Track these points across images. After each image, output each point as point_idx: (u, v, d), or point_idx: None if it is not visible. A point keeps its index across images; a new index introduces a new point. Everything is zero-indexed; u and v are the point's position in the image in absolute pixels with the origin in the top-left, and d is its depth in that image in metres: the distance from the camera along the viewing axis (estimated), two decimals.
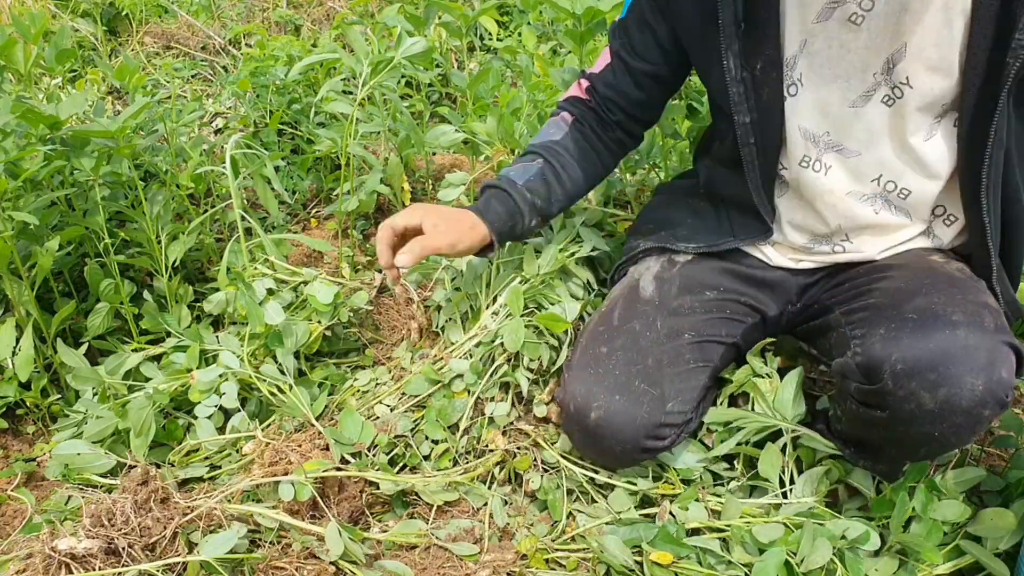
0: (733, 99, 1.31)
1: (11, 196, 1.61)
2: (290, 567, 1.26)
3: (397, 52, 1.79)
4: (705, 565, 1.27)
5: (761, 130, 1.33)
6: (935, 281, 1.24)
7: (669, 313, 1.43)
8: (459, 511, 1.46)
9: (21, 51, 1.73)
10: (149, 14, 3.92)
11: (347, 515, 1.39)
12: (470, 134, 2.08)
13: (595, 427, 1.34)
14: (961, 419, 1.12)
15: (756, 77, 1.29)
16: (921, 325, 1.16)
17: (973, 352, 1.11)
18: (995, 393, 1.11)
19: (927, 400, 1.12)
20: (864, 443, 1.30)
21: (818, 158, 1.33)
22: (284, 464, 1.38)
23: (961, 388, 1.11)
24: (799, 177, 1.36)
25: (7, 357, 1.60)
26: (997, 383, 1.11)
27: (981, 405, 1.11)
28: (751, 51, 1.28)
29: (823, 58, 1.25)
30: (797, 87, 1.29)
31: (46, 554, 1.16)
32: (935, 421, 1.13)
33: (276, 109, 2.56)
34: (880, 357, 1.16)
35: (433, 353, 1.65)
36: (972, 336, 1.12)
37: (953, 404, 1.11)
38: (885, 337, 1.17)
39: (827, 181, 1.33)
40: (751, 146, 1.35)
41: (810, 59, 1.26)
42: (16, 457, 1.68)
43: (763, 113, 1.32)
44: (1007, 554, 1.25)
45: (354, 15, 3.44)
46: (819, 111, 1.29)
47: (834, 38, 1.23)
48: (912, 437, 1.18)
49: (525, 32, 2.90)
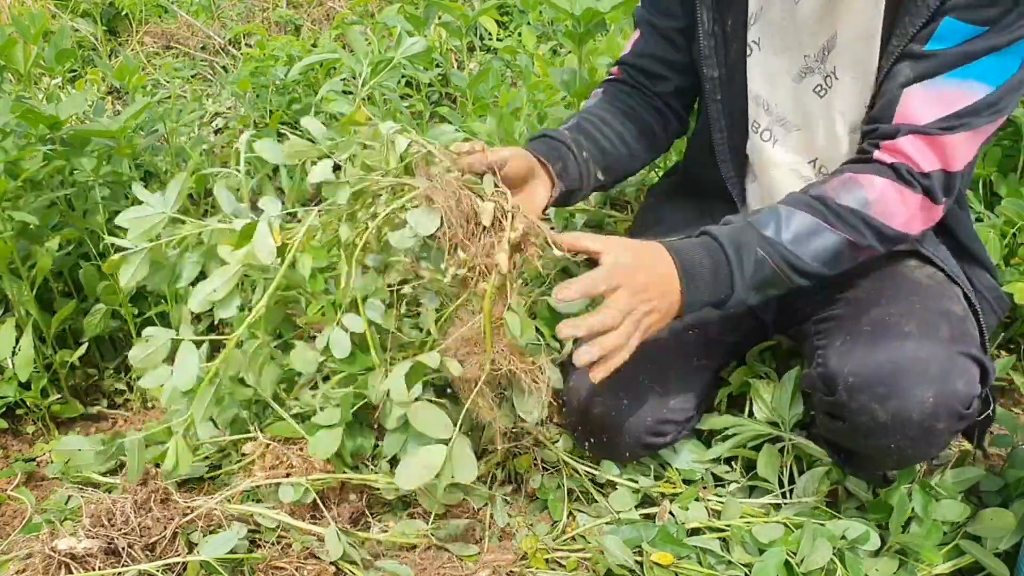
0: (704, 52, 1.36)
1: (11, 196, 1.61)
2: (290, 567, 1.26)
3: (397, 52, 1.79)
4: (705, 565, 1.27)
5: (727, 88, 1.37)
6: (897, 290, 1.25)
7: None
8: (459, 511, 1.46)
9: (21, 51, 1.73)
10: (149, 14, 3.92)
11: (347, 515, 1.39)
12: (470, 134, 2.08)
13: (598, 422, 1.34)
14: (914, 432, 1.13)
15: (727, 33, 1.34)
16: (872, 337, 1.17)
17: (923, 364, 1.12)
18: (948, 405, 1.11)
19: (879, 413, 1.13)
20: (846, 450, 1.31)
21: (768, 127, 1.36)
22: (285, 467, 1.38)
23: (910, 401, 1.11)
24: (754, 145, 1.38)
25: (7, 357, 1.60)
26: (952, 395, 1.10)
27: (932, 418, 1.11)
28: (724, 7, 1.33)
29: (774, 27, 1.29)
30: (753, 49, 1.33)
31: (46, 554, 1.16)
32: (889, 434, 1.14)
33: (276, 109, 2.56)
34: (835, 370, 1.17)
35: None
36: (923, 348, 1.13)
37: (904, 417, 1.12)
38: (840, 350, 1.19)
39: (774, 153, 1.36)
40: (717, 103, 1.39)
41: (765, 26, 1.30)
42: (16, 457, 1.68)
43: (730, 69, 1.36)
44: (1007, 554, 1.25)
45: (354, 15, 3.44)
46: (767, 79, 1.33)
47: (786, 10, 1.27)
48: (872, 449, 1.20)
49: (525, 32, 2.90)
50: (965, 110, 1.14)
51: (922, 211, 1.20)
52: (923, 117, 1.16)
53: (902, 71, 1.17)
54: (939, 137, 1.15)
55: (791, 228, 1.17)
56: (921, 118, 1.16)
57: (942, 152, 1.16)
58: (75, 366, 1.79)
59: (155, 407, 1.82)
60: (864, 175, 1.18)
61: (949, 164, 1.17)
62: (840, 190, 1.18)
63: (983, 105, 1.14)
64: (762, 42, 1.31)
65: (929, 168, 1.16)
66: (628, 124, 1.45)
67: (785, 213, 1.18)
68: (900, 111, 1.17)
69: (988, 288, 1.37)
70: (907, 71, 1.17)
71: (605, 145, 1.41)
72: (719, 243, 1.17)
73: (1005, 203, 1.72)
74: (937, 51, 1.14)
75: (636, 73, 1.49)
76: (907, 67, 1.17)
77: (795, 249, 1.17)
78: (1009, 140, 1.93)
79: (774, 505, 1.35)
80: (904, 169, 1.17)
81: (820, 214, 1.18)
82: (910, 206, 1.19)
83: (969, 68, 1.13)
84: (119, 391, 1.86)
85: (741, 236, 1.17)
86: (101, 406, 1.82)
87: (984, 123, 1.16)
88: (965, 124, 1.15)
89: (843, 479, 1.35)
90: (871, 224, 1.18)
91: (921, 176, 1.17)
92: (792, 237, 1.16)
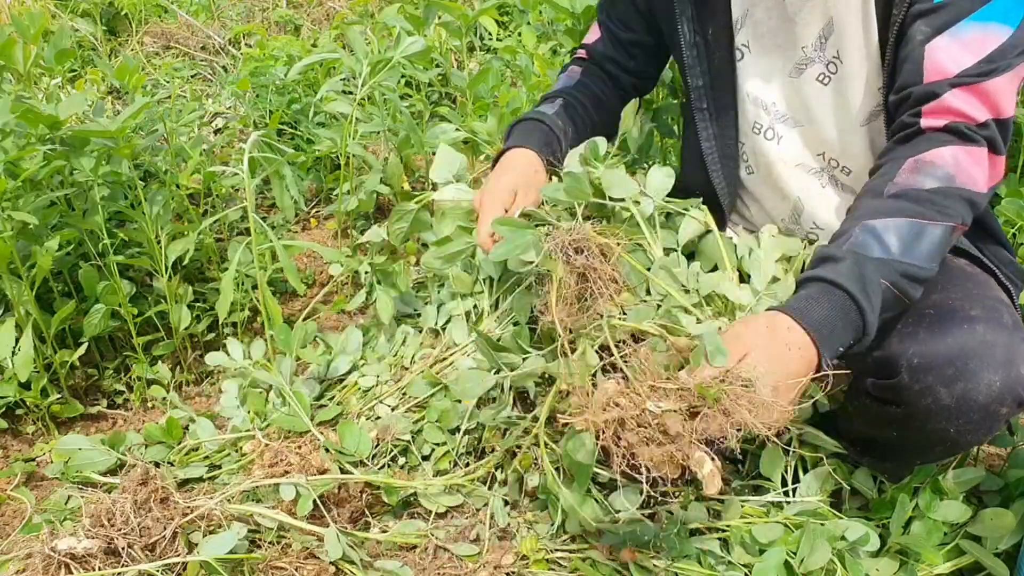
0: (687, 62, 1.37)
1: (11, 196, 1.60)
2: (290, 567, 1.26)
3: (396, 52, 1.79)
4: (705, 565, 1.27)
5: (713, 95, 1.38)
6: (950, 276, 1.23)
7: None
8: (459, 511, 1.45)
9: (21, 51, 1.73)
10: (149, 14, 3.92)
11: (347, 515, 1.39)
12: (470, 133, 2.08)
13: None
14: (977, 415, 1.11)
15: (709, 42, 1.35)
16: (938, 320, 1.15)
17: (991, 348, 1.10)
18: (1013, 390, 1.10)
19: (944, 395, 1.11)
20: (873, 441, 1.30)
21: (770, 126, 1.35)
22: (284, 466, 1.38)
23: (978, 384, 1.09)
24: (754, 146, 1.38)
25: (7, 357, 1.60)
26: (1015, 380, 1.10)
27: (998, 402, 1.10)
28: (704, 17, 1.34)
29: (764, 28, 1.29)
30: (743, 52, 1.33)
31: (46, 554, 1.16)
32: (951, 417, 1.12)
33: (276, 109, 2.56)
34: (897, 351, 1.14)
35: (435, 353, 1.65)
36: (990, 332, 1.11)
37: (970, 400, 1.10)
38: (902, 332, 1.16)
39: (779, 150, 1.35)
40: (703, 111, 1.39)
41: (753, 27, 1.30)
42: (16, 457, 1.68)
43: (715, 77, 1.36)
44: (1007, 554, 1.25)
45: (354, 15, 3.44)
46: (763, 79, 1.33)
47: (772, 8, 1.27)
48: (927, 434, 1.16)
49: (525, 32, 2.90)
50: (995, 53, 1.09)
51: (992, 167, 1.14)
52: (956, 67, 1.10)
53: (918, 29, 1.12)
54: (981, 83, 1.09)
55: (895, 240, 1.09)
56: (954, 68, 1.10)
57: (988, 99, 1.11)
58: (75, 366, 1.79)
59: (155, 407, 1.82)
60: (929, 152, 1.12)
61: (1000, 111, 1.12)
62: (917, 177, 1.12)
63: (1008, 46, 1.09)
64: (751, 44, 1.32)
65: (984, 117, 1.11)
66: (600, 111, 1.52)
67: (880, 226, 1.10)
68: (929, 68, 1.12)
69: (1005, 263, 1.36)
70: (923, 28, 1.12)
71: (582, 131, 1.48)
72: (843, 289, 1.07)
73: (1005, 203, 1.72)
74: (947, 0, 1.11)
75: (601, 63, 1.54)
76: (921, 24, 1.12)
77: (909, 259, 1.09)
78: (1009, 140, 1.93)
79: (775, 504, 1.34)
80: (963, 127, 1.11)
81: (913, 212, 1.10)
82: (983, 164, 1.12)
83: (988, 9, 1.09)
84: (119, 391, 1.86)
85: (857, 270, 1.08)
86: (101, 406, 1.82)
87: (1017, 63, 1.10)
88: (1001, 66, 1.09)
89: (848, 479, 1.35)
90: (963, 197, 1.11)
91: (980, 128, 1.11)
92: (902, 248, 1.08)
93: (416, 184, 2.37)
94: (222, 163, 2.26)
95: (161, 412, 1.78)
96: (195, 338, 1.94)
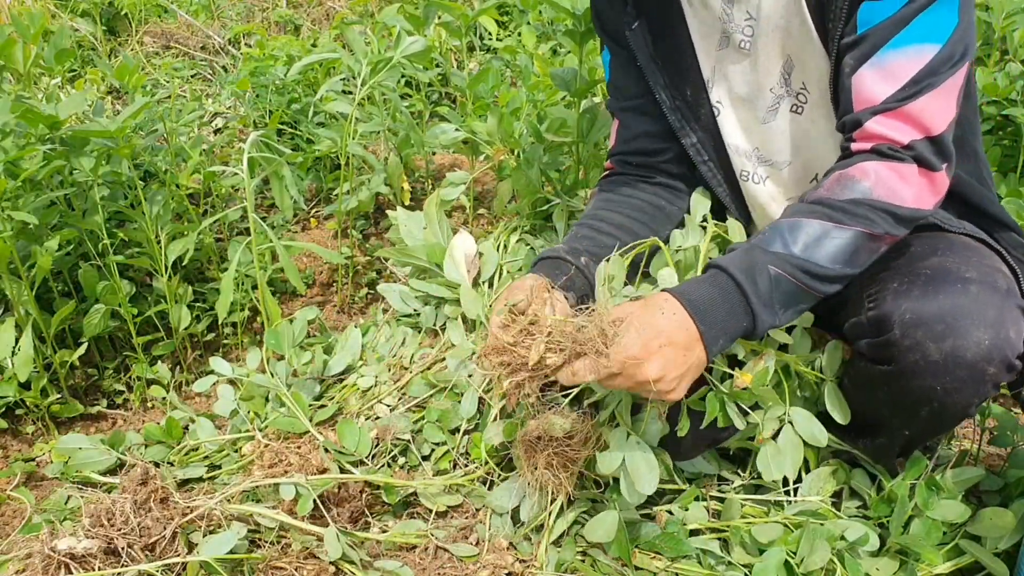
0: (675, 125, 1.39)
1: (11, 196, 1.61)
2: (290, 567, 1.26)
3: (396, 52, 1.79)
4: (705, 565, 1.27)
5: (712, 145, 1.40)
6: (951, 245, 1.25)
7: None
8: (459, 511, 1.45)
9: (20, 51, 1.73)
10: (148, 14, 3.92)
11: (347, 515, 1.39)
12: (470, 133, 2.08)
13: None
14: (965, 373, 1.13)
15: (689, 102, 1.37)
16: (933, 279, 1.16)
17: (983, 308, 1.12)
18: (1001, 350, 1.11)
19: (932, 351, 1.13)
20: (865, 417, 1.30)
21: (754, 171, 1.37)
22: (284, 465, 1.38)
23: (967, 340, 1.11)
24: (748, 191, 1.40)
25: (7, 357, 1.60)
26: (1004, 340, 1.11)
27: (986, 360, 1.11)
28: (678, 81, 1.37)
29: (732, 82, 1.32)
30: (718, 109, 1.36)
31: (46, 554, 1.16)
32: (938, 374, 1.14)
33: (276, 109, 2.56)
34: (890, 309, 1.17)
35: (434, 353, 1.65)
36: (984, 293, 1.13)
37: (958, 356, 1.12)
38: (897, 291, 1.18)
39: (766, 190, 1.38)
40: (707, 163, 1.41)
41: (723, 83, 1.33)
42: (16, 457, 1.68)
43: (706, 131, 1.39)
44: (1007, 554, 1.25)
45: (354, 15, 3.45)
46: (741, 129, 1.35)
47: (736, 63, 1.30)
48: (915, 393, 1.18)
49: (525, 32, 2.90)
50: (920, 74, 1.13)
51: (925, 182, 1.18)
52: (879, 96, 1.16)
53: (847, 63, 1.18)
54: (902, 107, 1.14)
55: (799, 238, 1.15)
56: (877, 97, 1.16)
57: (913, 120, 1.15)
58: (75, 366, 1.79)
59: (155, 407, 1.82)
60: (852, 168, 1.18)
61: (928, 129, 1.16)
62: (836, 189, 1.18)
63: (938, 63, 1.13)
64: (724, 100, 1.35)
65: (909, 139, 1.15)
66: (628, 211, 1.45)
67: (788, 225, 1.16)
68: (856, 98, 1.18)
69: (1016, 246, 1.36)
70: (849, 60, 1.17)
71: (606, 240, 1.39)
72: (725, 271, 1.14)
73: (1005, 203, 1.72)
74: (868, 31, 1.14)
75: (632, 157, 1.49)
76: (848, 57, 1.17)
77: (808, 257, 1.14)
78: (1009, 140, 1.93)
79: (775, 504, 1.34)
80: (885, 148, 1.16)
81: (824, 216, 1.16)
82: (911, 181, 1.17)
83: (906, 34, 1.13)
84: (119, 391, 1.86)
85: (748, 259, 1.15)
86: (101, 406, 1.82)
87: (946, 78, 1.14)
88: (926, 86, 1.14)
89: (848, 479, 1.35)
90: (879, 208, 1.16)
91: (905, 149, 1.16)
92: (802, 246, 1.14)
93: (416, 184, 2.37)
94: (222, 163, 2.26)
95: (161, 412, 1.78)
96: (195, 338, 1.94)
